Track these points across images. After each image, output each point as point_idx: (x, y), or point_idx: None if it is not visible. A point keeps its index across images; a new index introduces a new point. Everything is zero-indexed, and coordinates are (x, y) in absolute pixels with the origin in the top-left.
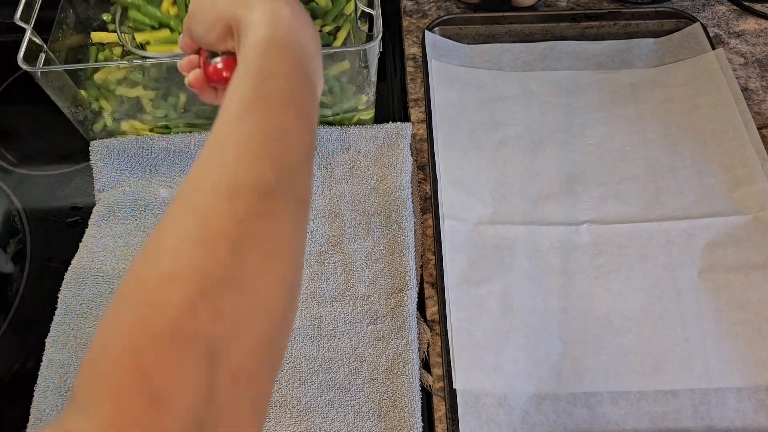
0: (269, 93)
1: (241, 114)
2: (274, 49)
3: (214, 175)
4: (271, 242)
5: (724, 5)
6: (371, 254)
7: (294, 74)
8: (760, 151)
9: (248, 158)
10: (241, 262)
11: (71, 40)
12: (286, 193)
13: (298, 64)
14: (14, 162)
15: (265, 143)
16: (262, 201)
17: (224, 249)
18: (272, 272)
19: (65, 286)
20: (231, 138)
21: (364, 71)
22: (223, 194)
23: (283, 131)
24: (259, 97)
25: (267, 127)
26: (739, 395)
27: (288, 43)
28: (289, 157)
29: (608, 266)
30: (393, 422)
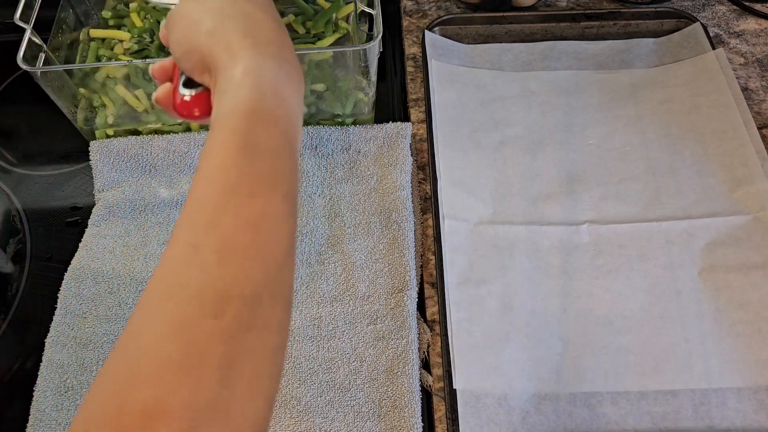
0: (255, 175)
1: (223, 200)
2: (260, 122)
3: (195, 280)
4: (260, 358)
5: (725, 5)
6: (371, 254)
7: (281, 151)
8: (761, 151)
9: (233, 259)
10: (230, 389)
11: (71, 40)
12: (274, 296)
13: (285, 138)
14: (14, 162)
15: (252, 238)
16: (250, 310)
17: (213, 376)
18: (261, 393)
19: (65, 286)
20: (212, 231)
21: (364, 71)
22: (208, 306)
23: (270, 220)
24: (244, 180)
25: (253, 216)
26: (740, 395)
27: (274, 112)
28: (277, 251)
29: (608, 266)
30: (393, 422)
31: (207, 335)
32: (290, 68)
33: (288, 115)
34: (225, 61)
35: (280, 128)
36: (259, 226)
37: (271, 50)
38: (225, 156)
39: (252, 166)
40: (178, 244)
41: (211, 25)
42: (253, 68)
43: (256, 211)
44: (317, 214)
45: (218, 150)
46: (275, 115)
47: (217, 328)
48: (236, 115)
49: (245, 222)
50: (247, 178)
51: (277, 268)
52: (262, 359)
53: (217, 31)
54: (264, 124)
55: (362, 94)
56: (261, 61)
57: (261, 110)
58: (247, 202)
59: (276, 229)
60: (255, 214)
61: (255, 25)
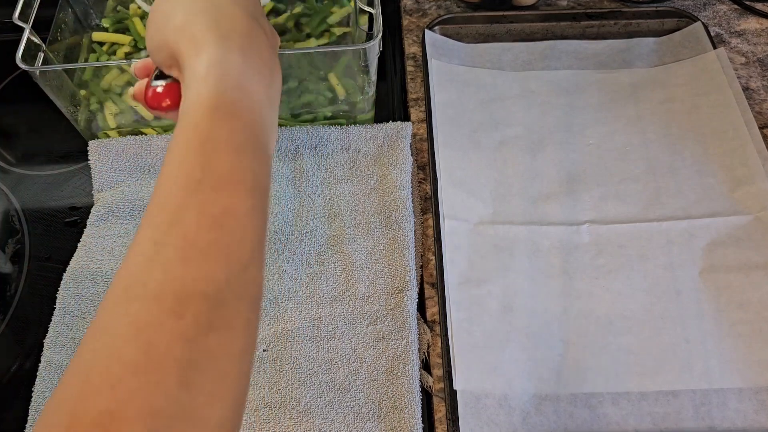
0: (217, 171)
1: (186, 197)
2: (223, 116)
3: (156, 280)
4: (224, 360)
5: (725, 4)
6: (371, 254)
7: (245, 145)
8: (761, 150)
9: (196, 257)
10: (191, 392)
11: (70, 39)
12: (239, 296)
13: (250, 132)
14: (12, 162)
15: (215, 235)
16: (213, 310)
17: (173, 379)
18: (225, 396)
19: (64, 286)
20: (174, 229)
21: (364, 70)
22: (168, 305)
23: (235, 217)
24: (206, 176)
25: (216, 213)
26: (740, 396)
27: (238, 106)
28: (242, 249)
29: (608, 266)
30: (393, 423)
31: (167, 336)
32: (258, 61)
33: (253, 108)
34: (190, 55)
35: (244, 122)
36: (223, 223)
37: (238, 42)
38: (187, 152)
39: (214, 162)
40: (141, 241)
41: (180, 20)
42: (216, 61)
43: (219, 207)
44: (317, 214)
45: (181, 146)
46: (238, 109)
47: (178, 329)
48: (198, 109)
49: (208, 219)
50: (210, 174)
51: (241, 267)
52: (226, 361)
53: (186, 25)
54: (226, 118)
55: (362, 94)
56: (225, 54)
57: (223, 104)
58: (210, 198)
59: (240, 226)
60: (218, 211)
61: (223, 18)
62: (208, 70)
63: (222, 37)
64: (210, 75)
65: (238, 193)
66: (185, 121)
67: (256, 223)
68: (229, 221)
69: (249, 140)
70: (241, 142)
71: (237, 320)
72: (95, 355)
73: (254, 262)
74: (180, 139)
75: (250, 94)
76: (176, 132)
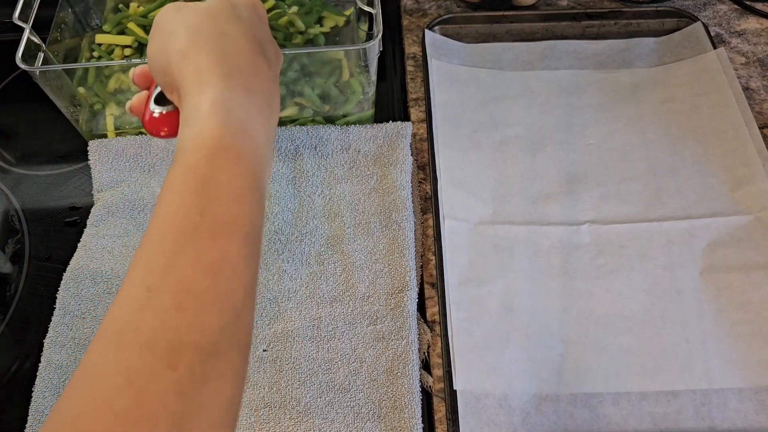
0: (216, 217)
1: (182, 242)
2: (224, 161)
3: (149, 326)
4: (215, 410)
5: (726, 4)
6: (371, 254)
7: (244, 191)
8: (762, 150)
9: (190, 305)
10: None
11: (70, 39)
12: (231, 344)
13: (250, 177)
14: (12, 161)
15: (210, 283)
16: (206, 361)
17: (164, 431)
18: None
19: (63, 286)
20: (169, 275)
21: (364, 70)
22: (161, 355)
23: (230, 264)
24: (204, 222)
25: (212, 260)
26: (741, 396)
27: (240, 150)
28: (236, 297)
29: (609, 266)
30: (393, 423)
31: (160, 388)
32: (260, 98)
33: (255, 152)
34: (192, 88)
35: (245, 166)
36: (218, 271)
37: (242, 80)
38: (184, 195)
39: (213, 207)
40: (134, 285)
41: (183, 44)
42: (220, 101)
43: (216, 255)
44: (317, 214)
45: (178, 187)
46: (240, 153)
47: (171, 380)
48: (199, 151)
49: (204, 266)
50: (207, 220)
51: (235, 315)
52: (217, 411)
53: (190, 52)
54: (228, 162)
55: (362, 94)
56: (230, 93)
57: (225, 148)
58: (207, 245)
59: (236, 274)
60: (214, 259)
61: (229, 51)
62: (211, 109)
63: (227, 73)
64: (213, 115)
65: (236, 240)
66: (184, 160)
67: (250, 269)
68: (224, 269)
69: (249, 185)
70: (240, 188)
71: (228, 370)
72: (85, 402)
73: (246, 310)
74: (178, 179)
75: (252, 136)
76: (174, 169)
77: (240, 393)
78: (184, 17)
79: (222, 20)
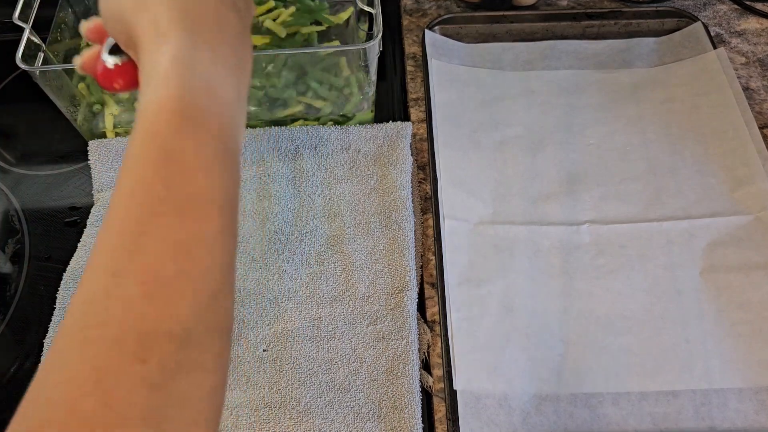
0: (183, 189)
1: (147, 220)
2: (188, 125)
3: (116, 319)
4: (194, 403)
5: (726, 4)
6: (371, 254)
7: (213, 159)
8: (762, 150)
9: (159, 291)
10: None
11: (70, 39)
12: (208, 330)
13: (219, 142)
14: (12, 161)
15: (181, 265)
16: (180, 350)
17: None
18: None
19: (64, 286)
20: (135, 259)
21: (364, 70)
22: (130, 349)
23: (203, 242)
24: (170, 196)
25: (182, 239)
26: (741, 396)
27: (206, 112)
28: (211, 277)
29: (609, 266)
30: (393, 423)
31: (130, 384)
32: (229, 53)
33: (223, 113)
34: (150, 41)
35: (213, 131)
36: (190, 250)
37: (207, 31)
38: (146, 166)
39: (178, 179)
40: (97, 271)
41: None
42: (182, 56)
43: (186, 233)
44: (317, 214)
45: (139, 158)
46: (206, 116)
47: (142, 374)
48: (159, 116)
49: (172, 247)
50: (174, 194)
51: (211, 297)
52: (196, 404)
53: (146, 0)
54: (192, 127)
55: (362, 94)
56: (192, 49)
57: (188, 110)
58: (174, 223)
59: (209, 252)
60: (183, 238)
61: (190, 2)
62: (171, 67)
63: (189, 23)
64: (173, 74)
65: (207, 215)
66: (144, 126)
67: (226, 246)
68: (196, 248)
69: (218, 151)
70: (208, 156)
71: (207, 357)
72: (50, 407)
73: (224, 290)
74: (138, 149)
75: (219, 96)
76: (133, 137)
77: (223, 382)
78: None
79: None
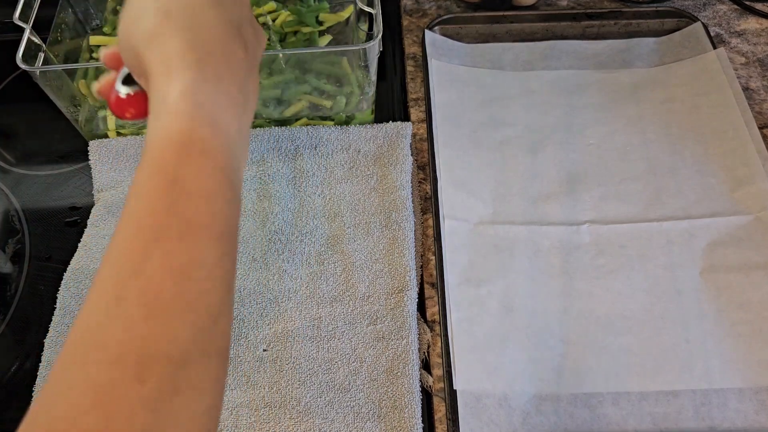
0: (185, 216)
1: (150, 244)
2: (193, 156)
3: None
4: (190, 424)
5: (725, 5)
6: (371, 254)
7: (215, 188)
8: (761, 150)
9: (160, 313)
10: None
11: (70, 40)
12: (206, 353)
13: (222, 173)
14: (13, 162)
15: (181, 288)
16: (178, 372)
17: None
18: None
19: (64, 286)
20: (137, 281)
21: (364, 70)
22: (130, 370)
23: (203, 267)
24: (173, 222)
25: (183, 264)
26: (741, 396)
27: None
28: (210, 301)
29: (609, 266)
30: (393, 423)
31: (129, 404)
32: (234, 87)
33: (226, 146)
34: (160, 75)
35: (216, 162)
36: (190, 274)
37: (213, 67)
38: (151, 194)
39: (182, 206)
40: (101, 292)
41: (151, 26)
42: (189, 92)
43: (186, 258)
44: (317, 214)
45: (145, 186)
46: (210, 147)
47: (140, 395)
48: (166, 147)
49: (173, 271)
50: (176, 220)
51: (210, 321)
52: (192, 423)
53: (157, 35)
54: (197, 159)
55: (362, 94)
56: (199, 83)
57: (194, 142)
58: (176, 247)
59: (209, 277)
60: (184, 262)
61: (200, 35)
62: (178, 101)
63: (196, 61)
64: (181, 107)
65: (207, 240)
66: (151, 156)
67: (226, 272)
68: (196, 272)
69: (220, 182)
70: (211, 185)
71: (204, 380)
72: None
73: (223, 314)
74: (145, 177)
75: (223, 129)
76: (142, 166)
77: (219, 402)
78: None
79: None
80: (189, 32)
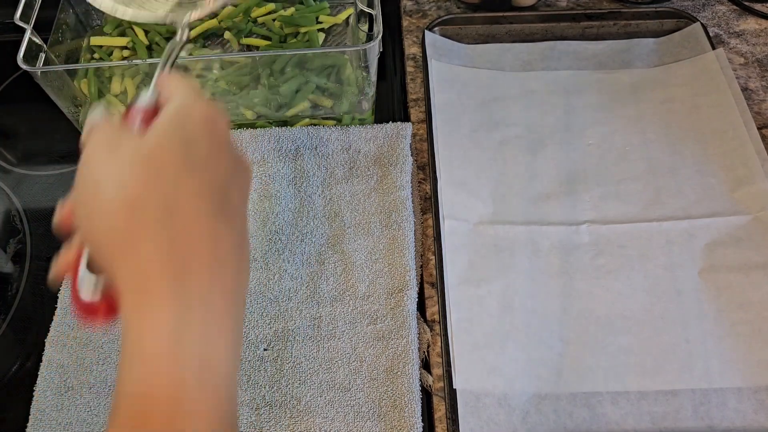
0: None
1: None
2: (181, 418)
3: None
4: None
5: (725, 5)
6: (371, 254)
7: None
8: (761, 151)
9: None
10: None
11: (71, 40)
12: None
13: (216, 426)
14: (14, 162)
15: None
16: None
17: None
18: None
19: (65, 286)
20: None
21: (364, 71)
22: None
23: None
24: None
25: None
26: (740, 395)
27: (199, 395)
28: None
29: (608, 266)
30: (393, 422)
31: None
32: (221, 304)
33: (219, 389)
34: (134, 301)
35: (209, 417)
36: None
37: (198, 285)
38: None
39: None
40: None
41: (118, 223)
42: (173, 328)
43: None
44: (317, 214)
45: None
46: (202, 399)
47: None
48: (149, 405)
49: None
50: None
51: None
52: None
53: (127, 242)
54: (185, 420)
55: (362, 94)
56: (185, 313)
57: (181, 402)
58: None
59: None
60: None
61: (179, 238)
62: (158, 348)
63: (178, 275)
64: (161, 357)
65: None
66: (132, 410)
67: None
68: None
69: (220, 422)
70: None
71: None
72: None
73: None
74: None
75: (214, 368)
76: (118, 422)
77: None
78: (118, 166)
79: (170, 176)
80: (165, 230)
